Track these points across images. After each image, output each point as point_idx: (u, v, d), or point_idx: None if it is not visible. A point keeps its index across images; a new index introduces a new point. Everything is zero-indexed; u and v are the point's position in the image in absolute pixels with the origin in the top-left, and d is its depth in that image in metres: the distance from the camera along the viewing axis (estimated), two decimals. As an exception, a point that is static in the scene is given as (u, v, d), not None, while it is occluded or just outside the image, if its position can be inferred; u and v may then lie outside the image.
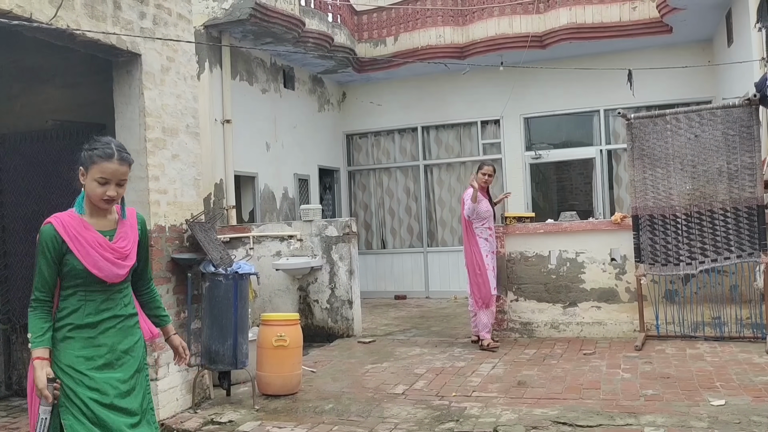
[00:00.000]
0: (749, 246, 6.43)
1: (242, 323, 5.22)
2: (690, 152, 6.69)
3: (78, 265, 2.60)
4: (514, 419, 4.49)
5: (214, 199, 8.87)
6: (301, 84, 11.42)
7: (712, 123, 6.61)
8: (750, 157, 6.44)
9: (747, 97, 6.51)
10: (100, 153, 2.65)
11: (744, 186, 6.47)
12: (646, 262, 6.82)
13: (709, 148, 6.62)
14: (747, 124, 6.46)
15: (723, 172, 6.55)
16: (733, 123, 6.51)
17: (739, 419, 4.21)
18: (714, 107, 6.75)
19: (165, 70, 5.24)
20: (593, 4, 10.33)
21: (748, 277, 6.66)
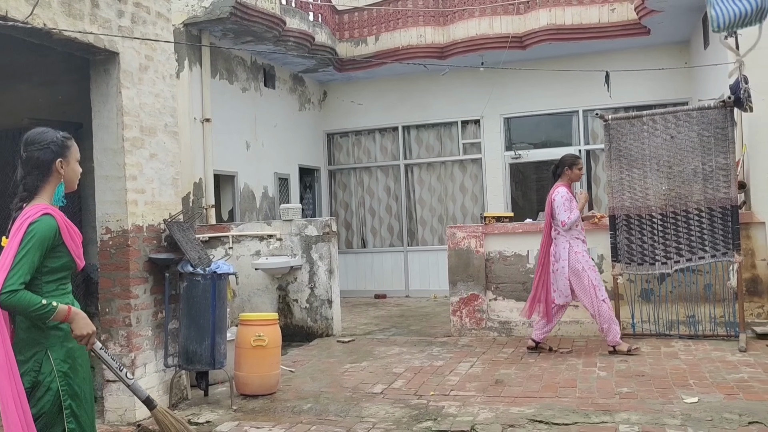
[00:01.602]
0: (723, 246, 6.53)
1: (220, 323, 5.21)
2: (666, 153, 6.78)
3: (69, 257, 2.67)
4: (491, 418, 4.52)
5: (193, 199, 8.82)
6: (281, 83, 11.39)
7: (688, 124, 6.71)
8: (724, 158, 6.55)
9: (722, 99, 6.61)
10: (67, 136, 2.79)
11: (718, 186, 6.58)
12: (622, 262, 6.91)
13: (684, 149, 6.72)
14: (722, 125, 6.57)
15: (698, 173, 6.66)
16: (708, 125, 6.61)
17: (711, 416, 4.29)
18: (690, 109, 6.86)
19: (143, 68, 5.21)
20: (572, 5, 10.43)
21: (722, 276, 6.77)
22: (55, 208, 2.70)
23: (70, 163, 2.76)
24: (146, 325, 5.12)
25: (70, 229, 2.69)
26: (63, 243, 2.65)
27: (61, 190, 2.76)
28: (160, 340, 5.24)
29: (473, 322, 7.54)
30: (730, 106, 6.51)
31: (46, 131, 2.76)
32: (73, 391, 2.67)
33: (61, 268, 2.68)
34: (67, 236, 2.66)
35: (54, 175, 2.72)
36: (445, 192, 12.25)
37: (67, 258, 2.68)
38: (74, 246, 2.70)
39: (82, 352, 2.75)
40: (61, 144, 2.74)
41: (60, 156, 2.72)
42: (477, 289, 7.55)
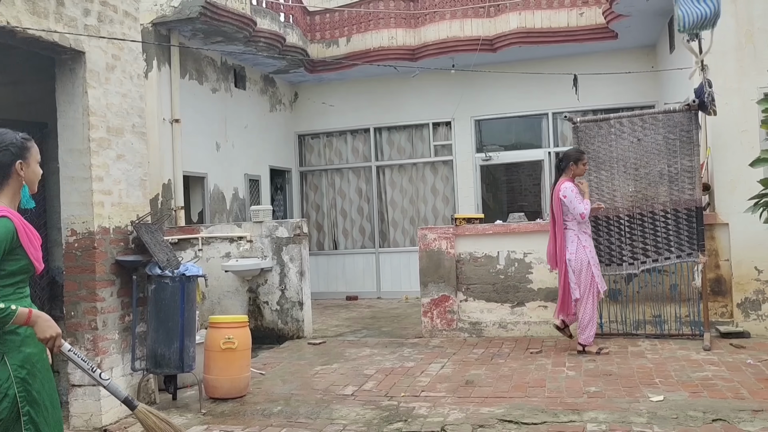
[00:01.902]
0: (688, 246, 6.66)
1: (189, 326, 5.16)
2: (633, 155, 6.89)
3: (27, 260, 2.61)
4: (461, 418, 4.55)
5: (162, 200, 8.72)
6: (252, 84, 11.32)
7: (654, 127, 6.83)
8: (689, 161, 6.68)
9: (687, 102, 6.75)
10: (27, 137, 2.73)
11: (683, 188, 6.71)
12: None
13: (651, 151, 6.84)
14: (687, 128, 6.70)
15: (664, 175, 6.78)
16: (673, 127, 6.75)
17: (676, 414, 4.36)
18: (656, 112, 6.98)
19: (110, 68, 5.14)
20: (542, 9, 10.54)
21: (687, 276, 6.89)
22: (13, 210, 2.63)
23: (30, 164, 2.70)
24: (113, 328, 5.04)
25: (29, 232, 2.63)
26: (21, 246, 2.58)
27: (27, 191, 2.72)
28: (128, 344, 5.16)
29: (444, 323, 7.57)
30: (694, 109, 6.64)
31: (5, 132, 2.69)
32: (31, 397, 2.60)
33: (18, 272, 2.61)
34: (25, 239, 2.60)
35: (14, 177, 2.66)
36: (417, 193, 12.29)
37: (25, 261, 2.61)
38: (33, 249, 2.64)
39: (42, 357, 2.68)
40: (21, 145, 2.68)
41: (20, 158, 2.66)
42: (448, 291, 7.58)
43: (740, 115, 6.74)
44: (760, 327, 6.75)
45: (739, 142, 6.76)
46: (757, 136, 6.59)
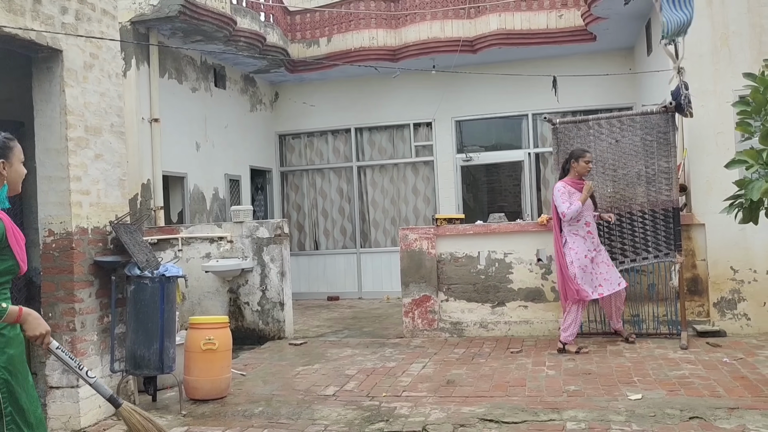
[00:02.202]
0: (665, 246, 6.75)
1: (169, 327, 5.12)
2: (611, 156, 6.97)
3: (13, 260, 2.62)
4: (442, 418, 4.56)
5: (141, 200, 8.64)
6: (232, 83, 11.26)
7: (632, 129, 6.91)
8: (666, 162, 6.77)
9: (664, 104, 6.83)
10: (9, 137, 2.73)
11: (661, 189, 6.79)
12: (570, 262, 7.05)
13: (628, 152, 6.92)
14: (664, 130, 6.79)
15: (641, 176, 6.86)
16: (651, 129, 6.83)
17: (654, 412, 4.42)
18: (634, 114, 7.05)
19: (88, 67, 5.08)
20: (522, 11, 10.61)
21: (665, 276, 6.98)
22: (1, 210, 2.64)
23: (13, 164, 2.70)
24: (91, 329, 4.99)
25: (15, 232, 2.64)
26: (8, 246, 2.59)
27: (4, 192, 2.70)
28: (106, 345, 5.11)
29: (425, 323, 7.60)
30: (671, 111, 6.73)
31: None
32: (13, 398, 2.60)
33: (4, 272, 2.62)
34: (12, 239, 2.61)
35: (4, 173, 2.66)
36: (398, 194, 12.31)
37: (11, 261, 2.62)
38: (19, 249, 2.65)
39: (22, 358, 2.68)
40: (3, 145, 2.68)
41: (2, 157, 2.66)
42: (429, 291, 7.61)
43: (716, 118, 6.85)
44: (735, 326, 6.86)
45: (715, 144, 6.86)
46: (732, 138, 6.69)
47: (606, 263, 6.48)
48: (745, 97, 3.41)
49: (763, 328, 6.81)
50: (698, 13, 7.05)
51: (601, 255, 6.48)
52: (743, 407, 4.42)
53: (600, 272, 6.44)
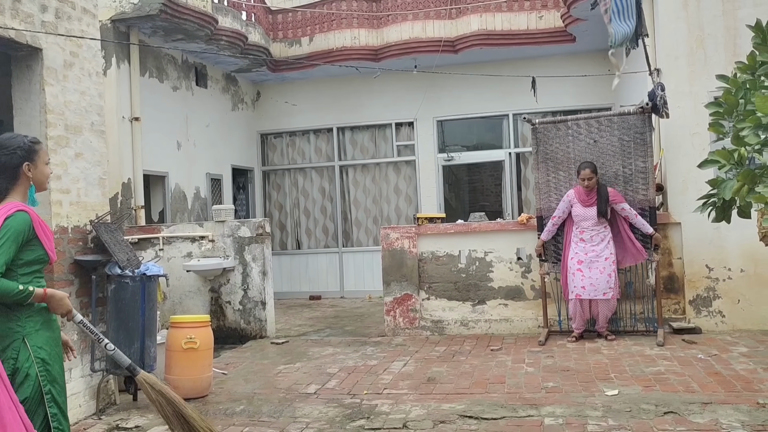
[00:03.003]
0: (642, 245, 6.85)
1: (150, 326, 5.12)
2: (589, 156, 7.06)
3: (42, 251, 2.89)
4: (423, 414, 4.61)
5: (122, 199, 8.60)
6: (214, 82, 11.23)
7: (610, 129, 7.02)
8: (643, 162, 6.88)
9: (641, 105, 6.94)
10: (35, 140, 2.99)
11: (638, 189, 6.90)
12: (549, 261, 7.15)
13: (606, 153, 7.02)
14: (641, 130, 6.90)
15: (619, 176, 6.97)
16: (628, 129, 6.94)
17: (630, 407, 4.51)
18: (611, 114, 7.16)
19: (68, 65, 5.06)
20: (502, 11, 10.70)
21: (642, 275, 7.09)
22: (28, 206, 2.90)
23: (38, 166, 2.96)
24: (72, 329, 4.96)
25: (43, 225, 2.92)
26: (36, 237, 2.85)
27: (33, 191, 2.99)
28: (87, 344, 5.10)
29: (407, 321, 7.65)
30: (648, 112, 6.84)
31: (15, 136, 2.96)
32: (52, 377, 2.85)
33: (35, 261, 2.88)
34: (40, 231, 2.87)
35: (23, 178, 2.91)
36: (380, 193, 12.35)
37: (41, 251, 2.88)
38: (47, 240, 2.91)
39: (58, 342, 2.97)
40: (28, 149, 2.93)
41: (27, 160, 2.92)
42: (410, 289, 7.66)
43: (692, 118, 6.96)
44: (710, 323, 6.99)
45: (691, 144, 6.98)
46: (707, 139, 6.80)
47: (601, 270, 6.66)
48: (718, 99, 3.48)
49: (737, 325, 6.94)
50: (674, 16, 7.19)
51: (598, 262, 6.67)
52: (716, 402, 4.52)
53: (589, 276, 6.65)
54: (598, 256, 6.69)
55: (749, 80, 3.27)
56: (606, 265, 6.67)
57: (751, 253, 6.78)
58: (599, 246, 6.71)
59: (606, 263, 6.68)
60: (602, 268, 6.66)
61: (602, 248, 6.71)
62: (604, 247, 6.71)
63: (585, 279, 6.69)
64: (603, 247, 6.71)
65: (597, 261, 6.68)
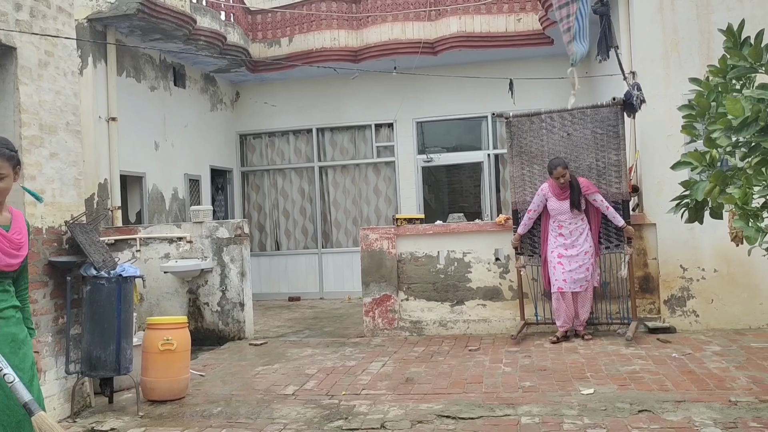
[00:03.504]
0: (616, 238, 6.88)
1: (126, 327, 5.07)
2: (563, 149, 7.04)
3: None
4: (401, 415, 4.63)
5: (98, 200, 8.51)
6: (192, 82, 11.16)
7: (582, 122, 7.00)
8: (616, 155, 6.86)
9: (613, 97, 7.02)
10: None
11: (611, 182, 6.90)
12: (525, 254, 7.19)
13: (580, 146, 7.02)
14: (613, 123, 6.89)
15: (593, 169, 6.97)
16: (601, 122, 6.95)
17: (605, 406, 4.56)
18: (584, 107, 7.14)
19: (43, 64, 5.01)
20: (481, 14, 10.76)
21: (617, 273, 7.16)
22: None
23: None
24: (46, 330, 4.92)
25: None
26: None
27: None
28: (61, 346, 5.04)
29: (386, 322, 7.66)
30: (619, 104, 6.87)
31: None
32: None
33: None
34: None
35: None
36: (360, 194, 12.35)
37: None
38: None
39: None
40: None
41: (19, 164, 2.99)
42: (389, 290, 7.67)
43: (666, 121, 7.05)
44: (685, 322, 7.08)
45: (666, 146, 7.08)
46: (682, 141, 6.90)
47: (580, 264, 6.69)
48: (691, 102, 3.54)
49: (710, 325, 7.05)
50: (649, 19, 7.29)
51: (578, 256, 6.69)
52: (689, 400, 4.59)
53: (570, 270, 6.70)
54: (579, 250, 6.71)
55: (721, 83, 3.33)
56: (585, 259, 6.70)
57: (724, 253, 6.88)
58: (579, 239, 6.73)
59: (585, 257, 6.71)
60: (582, 262, 6.69)
61: (582, 241, 6.73)
62: (584, 240, 6.73)
63: (566, 272, 6.70)
64: (583, 240, 6.73)
65: (577, 255, 6.70)
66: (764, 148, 3.03)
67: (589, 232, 6.78)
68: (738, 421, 4.14)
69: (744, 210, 3.07)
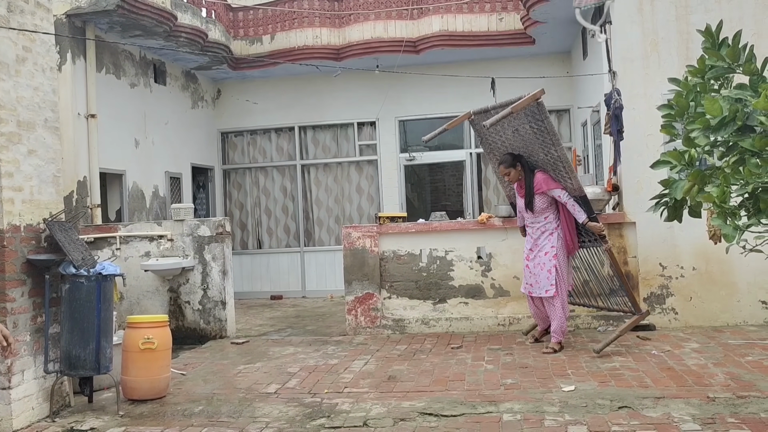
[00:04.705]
0: (586, 234, 6.52)
1: (106, 326, 5.03)
2: (519, 145, 6.60)
3: None
4: (383, 413, 4.63)
5: (77, 198, 8.42)
6: (173, 79, 11.07)
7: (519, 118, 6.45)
8: (555, 150, 6.29)
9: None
10: None
11: (563, 177, 6.34)
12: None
13: (528, 141, 6.47)
14: (539, 118, 6.31)
15: (546, 163, 6.42)
16: (531, 118, 6.37)
17: (586, 403, 4.60)
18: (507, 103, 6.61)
19: (21, 60, 4.94)
20: (463, 13, 10.79)
21: (597, 272, 7.22)
22: None
23: None
24: (24, 329, 4.86)
25: None
26: None
27: None
28: (40, 345, 4.98)
29: (368, 320, 7.66)
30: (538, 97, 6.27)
31: None
32: None
33: None
34: None
35: None
36: (342, 192, 12.34)
37: None
38: None
39: None
40: None
41: None
42: (372, 288, 7.67)
43: (646, 120, 7.12)
44: (664, 320, 7.17)
45: (645, 146, 7.15)
46: (661, 140, 6.98)
47: (541, 266, 6.29)
48: (670, 101, 3.57)
49: (689, 322, 7.14)
50: (629, 20, 7.36)
51: (539, 257, 6.32)
52: (669, 396, 4.64)
53: (531, 272, 6.40)
54: (540, 250, 6.31)
55: (699, 83, 3.37)
56: (546, 260, 6.24)
57: (702, 251, 6.97)
58: (540, 239, 6.34)
59: (546, 258, 6.26)
60: (542, 264, 6.25)
61: (543, 241, 6.32)
62: (545, 240, 6.31)
63: (530, 275, 6.40)
64: (544, 240, 6.32)
65: (538, 255, 6.31)
66: (742, 147, 3.07)
67: (555, 231, 6.31)
68: (716, 416, 4.20)
69: (722, 208, 3.10)
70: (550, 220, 6.35)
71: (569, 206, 6.23)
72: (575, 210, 6.20)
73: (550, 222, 6.35)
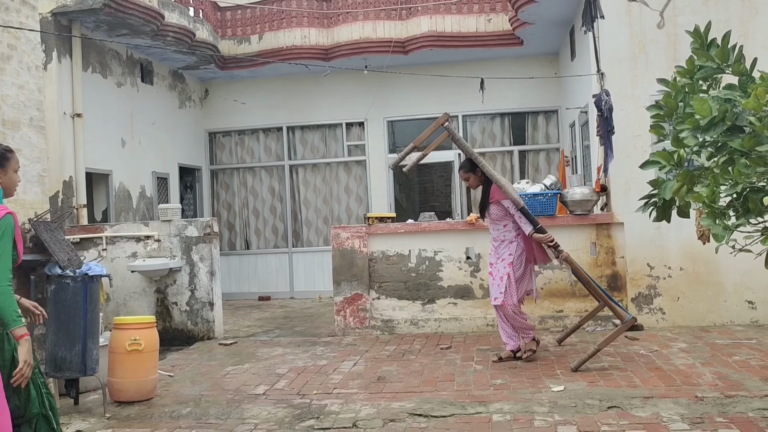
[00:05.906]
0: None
1: (92, 327, 4.98)
2: None
3: (16, 252, 2.99)
4: (372, 413, 4.61)
5: (63, 198, 8.33)
6: (160, 79, 11.00)
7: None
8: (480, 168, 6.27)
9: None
10: (7, 148, 3.15)
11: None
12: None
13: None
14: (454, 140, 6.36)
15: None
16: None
17: (575, 402, 4.60)
18: None
19: (6, 58, 4.89)
20: (452, 13, 10.80)
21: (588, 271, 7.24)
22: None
23: (8, 172, 3.12)
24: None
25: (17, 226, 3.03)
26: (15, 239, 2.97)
27: (0, 195, 3.12)
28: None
29: (357, 321, 7.64)
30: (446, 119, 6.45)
31: None
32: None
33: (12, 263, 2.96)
34: (18, 233, 3.00)
35: None
36: (330, 193, 12.31)
37: (15, 253, 2.98)
38: (20, 241, 3.01)
39: None
40: (1, 156, 3.09)
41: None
42: (361, 289, 7.65)
43: (634, 121, 7.16)
44: (652, 320, 7.20)
45: (633, 146, 7.18)
46: (649, 141, 7.02)
47: (494, 274, 5.98)
48: (659, 102, 3.58)
49: (677, 322, 7.18)
50: (617, 21, 7.39)
51: (496, 264, 6.01)
52: (657, 396, 4.66)
53: (491, 282, 6.06)
54: (499, 258, 6.00)
55: (688, 84, 3.38)
56: (500, 267, 5.93)
57: (690, 252, 7.02)
58: (500, 247, 6.03)
59: (501, 264, 5.94)
60: (496, 271, 5.96)
61: (502, 249, 6.00)
62: (504, 248, 5.98)
63: (492, 285, 6.04)
64: (503, 248, 5.99)
65: (496, 263, 6.01)
66: (731, 147, 3.09)
67: (515, 241, 5.94)
68: (704, 416, 4.22)
69: (711, 208, 3.12)
70: (509, 229, 6.00)
71: (516, 218, 5.89)
72: (521, 222, 5.86)
73: (509, 231, 6.00)
